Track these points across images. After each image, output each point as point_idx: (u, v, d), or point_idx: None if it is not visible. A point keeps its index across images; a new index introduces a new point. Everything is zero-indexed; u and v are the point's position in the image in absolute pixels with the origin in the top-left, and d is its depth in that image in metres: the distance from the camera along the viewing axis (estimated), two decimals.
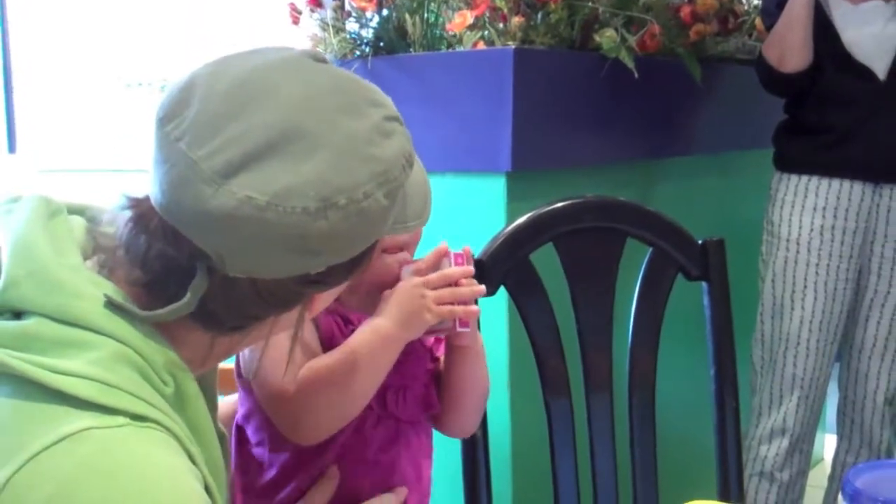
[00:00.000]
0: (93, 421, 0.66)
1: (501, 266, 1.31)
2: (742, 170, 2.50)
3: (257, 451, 1.07)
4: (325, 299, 0.81)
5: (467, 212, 1.85)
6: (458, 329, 1.06)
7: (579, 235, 1.35)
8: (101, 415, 0.67)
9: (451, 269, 1.07)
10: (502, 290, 1.32)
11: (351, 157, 0.71)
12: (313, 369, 1.01)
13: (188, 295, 0.72)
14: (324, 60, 0.77)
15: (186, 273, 0.72)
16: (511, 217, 1.77)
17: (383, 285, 1.07)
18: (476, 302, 1.10)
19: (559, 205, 1.35)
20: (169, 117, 0.72)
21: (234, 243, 0.70)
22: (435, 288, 1.05)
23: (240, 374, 1.06)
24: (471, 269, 1.08)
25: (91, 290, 0.72)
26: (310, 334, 1.05)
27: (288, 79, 0.72)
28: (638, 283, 1.38)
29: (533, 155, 1.82)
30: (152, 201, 0.72)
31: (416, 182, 0.81)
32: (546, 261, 1.34)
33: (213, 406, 0.89)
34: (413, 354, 1.10)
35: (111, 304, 0.71)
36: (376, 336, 1.03)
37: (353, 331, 1.05)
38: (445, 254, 1.09)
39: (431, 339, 1.14)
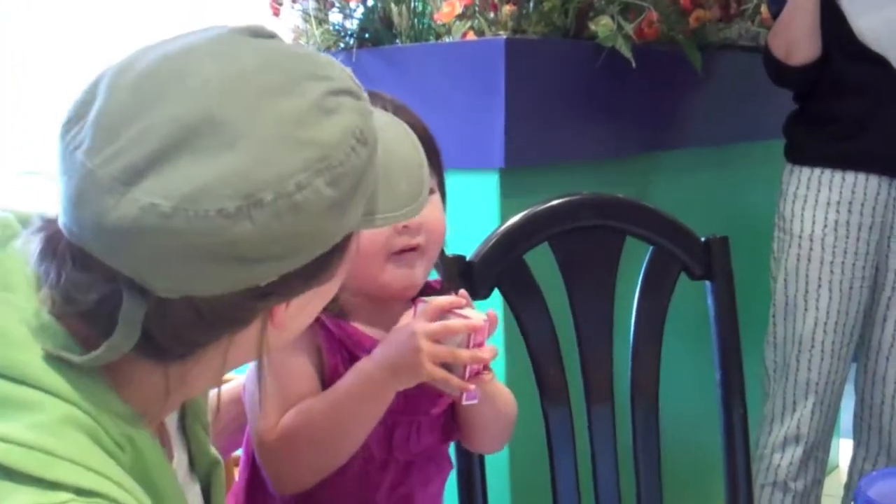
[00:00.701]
0: (32, 497, 0.60)
1: (495, 267, 1.31)
2: (748, 162, 2.51)
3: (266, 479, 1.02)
4: (294, 315, 0.72)
5: (459, 211, 1.83)
6: (465, 402, 0.98)
7: (576, 234, 1.35)
8: (43, 490, 0.61)
9: (457, 323, 0.97)
10: (496, 293, 1.32)
11: (277, 144, 0.64)
12: (299, 416, 0.96)
13: (119, 326, 0.65)
14: (266, 35, 0.69)
15: (112, 300, 0.65)
16: (505, 216, 1.77)
17: (383, 289, 1.01)
18: (488, 367, 1.01)
19: (555, 202, 1.36)
20: (72, 122, 0.65)
21: (148, 260, 0.63)
22: (436, 340, 0.96)
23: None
24: (478, 325, 0.97)
25: (32, 337, 0.66)
26: (308, 372, 0.99)
27: (205, 62, 0.65)
28: (638, 283, 1.38)
29: (527, 150, 1.82)
30: (59, 221, 0.66)
31: (394, 162, 0.74)
32: (541, 262, 1.34)
33: (205, 429, 0.84)
34: (423, 386, 1.02)
35: (49, 356, 0.65)
36: (364, 383, 0.97)
37: None
38: (455, 307, 0.98)
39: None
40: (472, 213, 1.82)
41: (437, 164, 1.03)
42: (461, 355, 0.97)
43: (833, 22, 1.98)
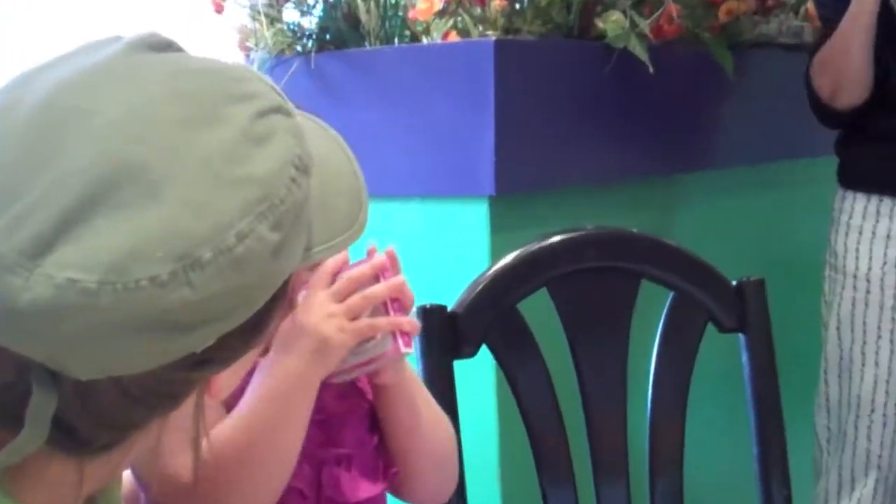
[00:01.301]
0: None
1: (483, 319, 1.32)
2: (791, 185, 2.51)
3: None
4: (229, 378, 0.73)
5: (440, 248, 1.86)
6: (403, 349, 1.02)
7: (581, 278, 1.36)
8: None
9: (359, 269, 1.03)
10: (485, 350, 1.33)
11: (208, 187, 0.63)
12: (214, 447, 0.95)
13: (27, 424, 0.64)
14: (166, 46, 0.69)
15: (16, 390, 0.64)
16: (495, 254, 1.78)
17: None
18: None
19: (555, 239, 1.37)
20: None
21: (68, 342, 0.62)
22: (344, 298, 1.01)
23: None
24: (382, 260, 1.04)
25: None
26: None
27: (106, 91, 0.65)
28: (657, 337, 1.40)
29: (522, 174, 1.83)
30: None
31: (327, 178, 0.74)
32: (539, 311, 1.36)
33: None
34: (349, 411, 1.07)
35: None
36: (281, 381, 0.99)
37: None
38: (344, 264, 1.03)
39: (364, 380, 1.10)
40: (456, 252, 1.83)
41: None
42: (376, 291, 1.02)
43: (891, 30, 2.00)
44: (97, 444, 0.69)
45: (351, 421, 1.09)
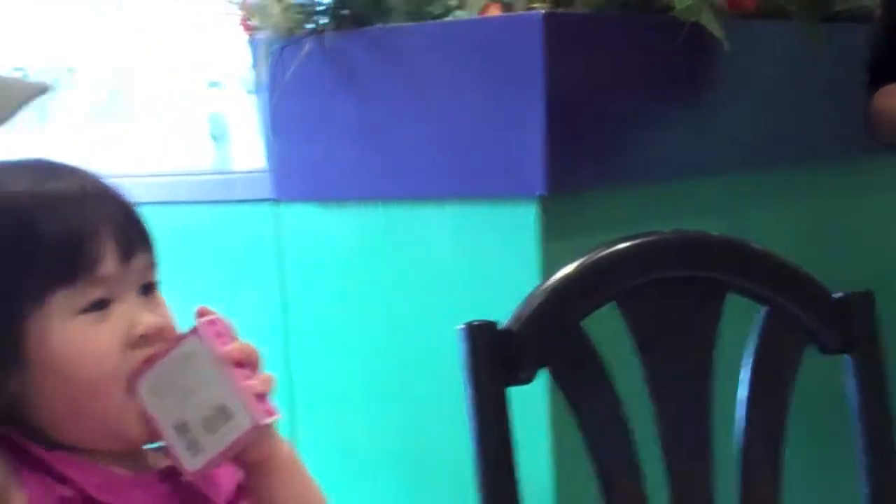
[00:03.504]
0: None
1: (541, 338, 1.29)
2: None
3: None
4: None
5: (480, 258, 1.85)
6: (265, 420, 0.99)
7: (656, 290, 1.34)
8: None
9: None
10: (543, 375, 1.30)
11: None
12: None
13: None
14: None
15: None
16: (548, 263, 1.78)
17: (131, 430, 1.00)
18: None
19: (624, 245, 1.35)
20: None
21: None
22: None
23: None
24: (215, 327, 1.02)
25: None
26: None
27: None
28: (748, 360, 1.37)
29: (577, 170, 1.83)
30: None
31: None
32: (607, 330, 1.33)
33: None
34: None
35: None
36: None
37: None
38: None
39: (217, 474, 1.06)
40: (500, 262, 1.83)
41: (152, 249, 1.04)
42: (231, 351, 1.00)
43: None
44: None
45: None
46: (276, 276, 2.12)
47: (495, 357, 1.27)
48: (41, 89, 0.92)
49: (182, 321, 1.04)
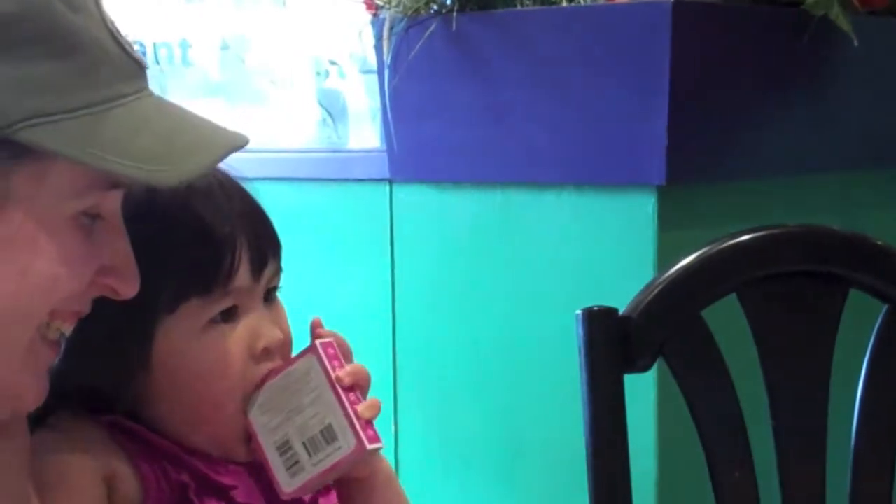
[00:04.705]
0: None
1: (660, 328, 1.30)
2: None
3: None
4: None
5: (596, 246, 1.86)
6: (370, 446, 0.99)
7: (778, 283, 1.34)
8: None
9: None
10: (659, 364, 1.32)
11: None
12: None
13: None
14: None
15: None
16: (663, 253, 1.78)
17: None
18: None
19: (749, 236, 1.35)
20: None
21: None
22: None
23: None
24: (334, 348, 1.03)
25: None
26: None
27: None
28: (866, 358, 1.37)
29: (699, 161, 1.83)
30: None
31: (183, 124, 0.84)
32: (726, 321, 1.34)
33: None
34: None
35: None
36: None
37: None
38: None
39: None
40: (617, 250, 1.83)
41: (280, 256, 1.04)
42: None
43: None
44: None
45: None
46: (388, 257, 2.14)
47: (614, 343, 1.28)
48: (242, 142, 0.92)
49: (290, 300, 1.06)
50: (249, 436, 1.01)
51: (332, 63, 2.59)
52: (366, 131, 2.45)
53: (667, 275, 1.33)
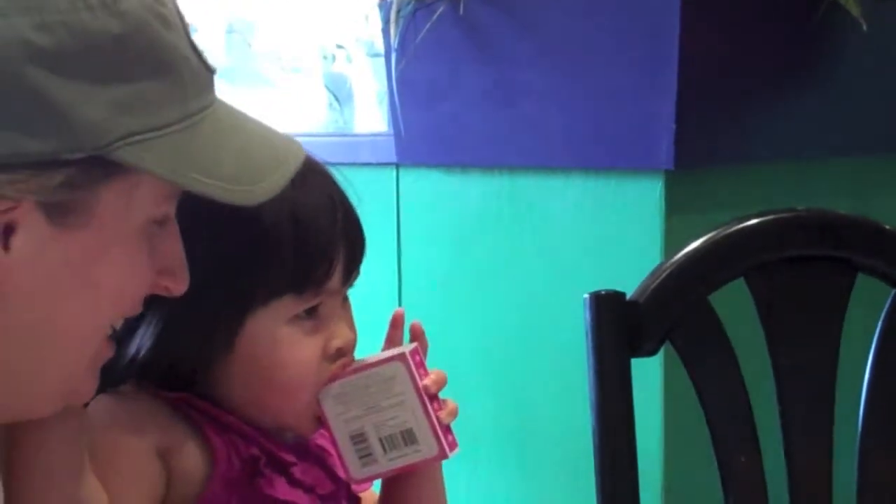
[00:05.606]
0: None
1: (667, 311, 1.31)
2: None
3: None
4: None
5: (603, 230, 1.86)
6: (450, 452, 1.07)
7: (786, 267, 1.34)
8: None
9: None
10: (665, 348, 1.32)
11: None
12: None
13: None
14: None
15: None
16: (670, 238, 1.79)
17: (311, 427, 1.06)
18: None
19: (753, 221, 1.35)
20: None
21: None
22: None
23: None
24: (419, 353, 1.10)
25: None
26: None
27: None
28: (874, 343, 1.37)
29: (705, 146, 1.83)
30: None
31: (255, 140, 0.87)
32: (733, 306, 1.34)
33: None
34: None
35: None
36: None
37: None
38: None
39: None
40: (624, 234, 1.83)
41: (360, 254, 1.08)
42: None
43: None
44: None
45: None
46: (394, 241, 2.15)
47: (621, 327, 1.29)
48: (303, 155, 0.95)
49: None
50: (318, 419, 1.05)
51: (339, 47, 2.60)
52: (373, 115, 2.46)
53: (674, 259, 1.33)
